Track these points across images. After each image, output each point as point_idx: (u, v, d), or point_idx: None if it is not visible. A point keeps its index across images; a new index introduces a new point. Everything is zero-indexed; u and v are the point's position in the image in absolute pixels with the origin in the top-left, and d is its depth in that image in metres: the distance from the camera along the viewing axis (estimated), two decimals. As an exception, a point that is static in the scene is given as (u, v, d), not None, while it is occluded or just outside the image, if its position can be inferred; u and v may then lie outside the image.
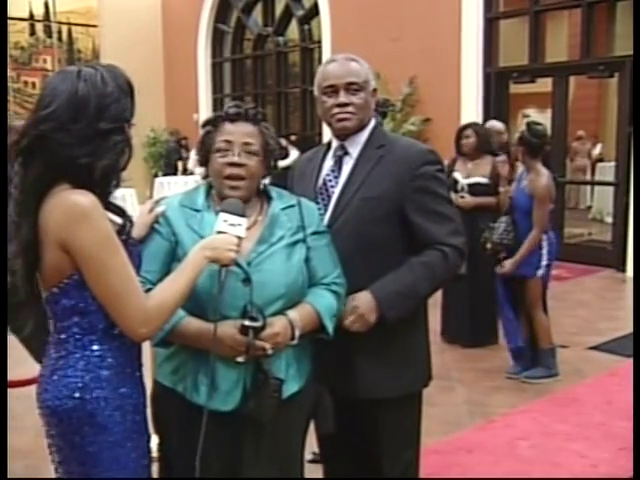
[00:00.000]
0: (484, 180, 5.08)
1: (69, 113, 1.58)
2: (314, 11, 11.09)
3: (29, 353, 3.28)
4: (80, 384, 1.63)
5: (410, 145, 2.27)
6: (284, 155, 2.04)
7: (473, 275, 4.68)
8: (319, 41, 10.99)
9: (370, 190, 2.13)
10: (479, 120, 7.79)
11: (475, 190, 5.06)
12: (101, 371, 1.65)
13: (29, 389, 2.10)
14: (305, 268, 1.94)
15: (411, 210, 2.12)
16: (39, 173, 1.60)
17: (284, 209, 1.98)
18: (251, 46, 12.93)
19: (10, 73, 12.54)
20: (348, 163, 2.21)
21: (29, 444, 3.39)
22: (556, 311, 5.56)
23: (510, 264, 4.30)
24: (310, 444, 2.15)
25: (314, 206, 2.09)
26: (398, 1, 9.37)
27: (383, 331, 2.05)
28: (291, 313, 1.87)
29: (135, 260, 1.70)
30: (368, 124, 2.22)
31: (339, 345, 2.01)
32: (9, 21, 12.00)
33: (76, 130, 1.58)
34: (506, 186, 4.94)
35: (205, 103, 13.29)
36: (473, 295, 5.07)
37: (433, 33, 8.96)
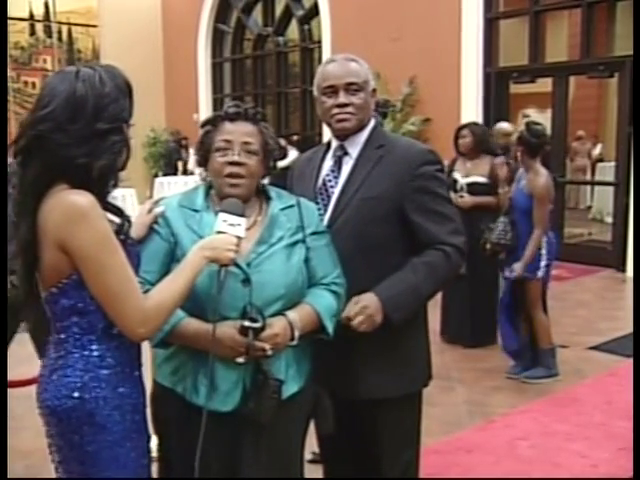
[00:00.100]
0: (483, 179, 5.08)
1: (67, 113, 1.58)
2: (314, 11, 11.09)
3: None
4: (79, 384, 1.64)
5: (410, 145, 2.26)
6: (282, 155, 2.03)
7: (473, 275, 4.69)
8: (319, 41, 10.99)
9: (370, 190, 2.12)
10: (479, 120, 7.80)
11: (474, 189, 5.06)
12: (100, 371, 1.65)
13: (29, 389, 2.10)
14: (305, 268, 1.94)
15: (411, 210, 2.12)
16: (37, 173, 1.60)
17: (283, 209, 1.97)
18: (251, 46, 12.94)
19: (10, 73, 12.54)
20: (348, 163, 2.20)
21: (29, 444, 3.39)
22: (556, 311, 5.55)
23: (519, 267, 4.26)
24: (310, 444, 2.15)
25: (313, 206, 2.09)
26: (398, 1, 9.37)
27: (383, 331, 2.05)
28: (291, 314, 1.87)
29: (134, 260, 1.70)
30: (368, 124, 2.22)
31: (339, 345, 2.01)
32: (9, 21, 12.00)
33: (74, 130, 1.58)
34: (505, 187, 4.93)
35: (205, 103, 13.29)
36: (473, 295, 5.07)
37: (433, 33, 8.96)
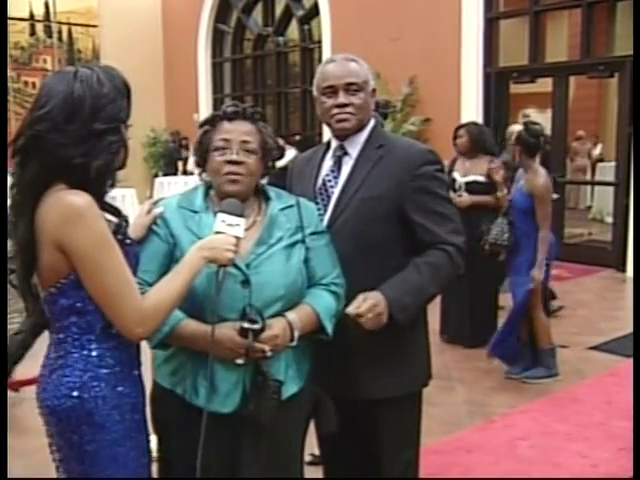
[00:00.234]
0: (481, 179, 5.08)
1: (64, 113, 1.58)
2: (314, 11, 11.09)
3: None
4: (78, 383, 1.64)
5: (410, 145, 2.26)
6: (280, 155, 2.02)
7: (473, 275, 4.68)
8: (319, 41, 10.98)
9: (370, 190, 2.12)
10: (479, 120, 7.80)
11: (472, 188, 5.07)
12: (99, 370, 1.65)
13: (29, 389, 2.10)
14: (304, 269, 1.94)
15: (411, 210, 2.12)
16: (35, 173, 1.60)
17: (283, 209, 1.97)
18: (251, 46, 12.93)
19: (10, 73, 12.54)
20: (348, 163, 2.20)
21: (29, 444, 3.39)
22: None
23: (536, 273, 4.22)
24: (308, 445, 2.14)
25: (313, 206, 2.09)
26: (398, 1, 9.37)
27: (386, 331, 2.04)
28: (290, 314, 1.87)
29: (132, 260, 1.70)
30: (367, 124, 2.22)
31: (339, 345, 2.01)
32: (9, 21, 12.00)
33: (71, 130, 1.58)
34: (504, 190, 4.94)
35: (205, 103, 13.28)
36: (473, 295, 5.07)
37: (433, 33, 8.96)
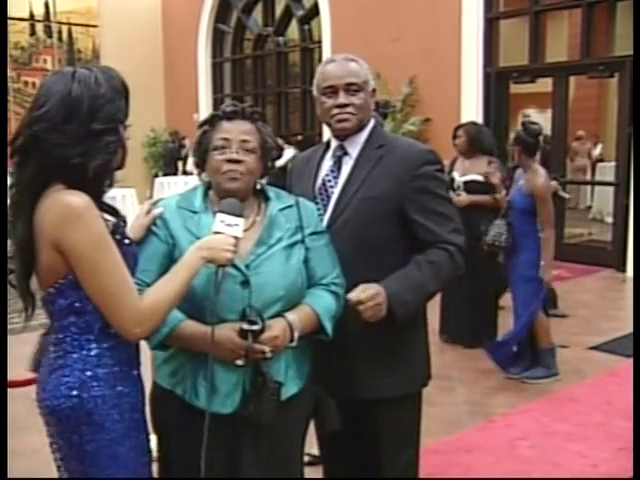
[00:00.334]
0: (479, 178, 5.08)
1: (62, 114, 1.59)
2: (314, 11, 11.09)
3: None
4: (77, 383, 1.64)
5: (410, 145, 2.26)
6: (278, 155, 2.02)
7: (472, 275, 4.67)
8: (319, 41, 10.99)
9: (370, 190, 2.12)
10: (479, 120, 7.80)
11: (471, 188, 5.07)
12: (98, 370, 1.66)
13: (29, 389, 2.10)
14: (304, 269, 1.94)
15: (412, 210, 2.11)
16: (33, 173, 1.61)
17: (282, 210, 1.97)
18: (251, 46, 12.94)
19: (10, 73, 12.55)
20: (347, 163, 2.20)
21: (29, 444, 3.39)
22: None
23: (546, 275, 4.23)
24: (306, 445, 2.12)
25: (312, 206, 2.08)
26: (398, 1, 9.37)
27: (383, 330, 2.04)
28: (290, 315, 1.86)
29: (130, 260, 1.70)
30: (367, 124, 2.21)
31: (339, 345, 2.01)
32: (9, 21, 12.01)
33: (69, 130, 1.58)
34: (502, 192, 4.94)
35: (205, 103, 13.29)
36: (472, 295, 5.06)
37: (433, 33, 8.96)
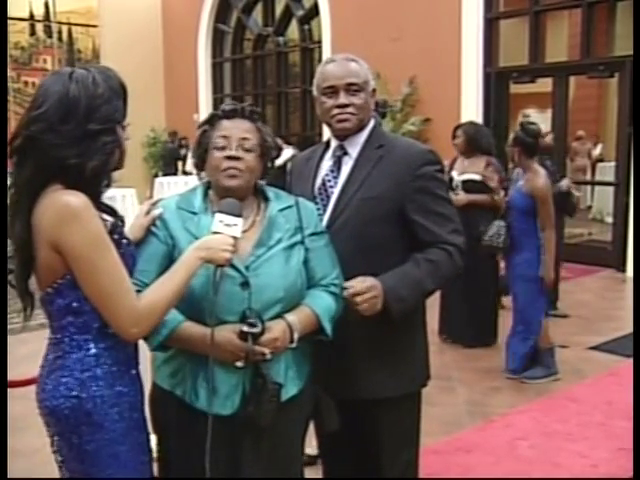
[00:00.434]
0: (477, 177, 5.08)
1: (59, 114, 1.59)
2: (314, 11, 11.09)
3: None
4: (76, 383, 1.64)
5: (410, 145, 2.26)
6: (277, 154, 2.03)
7: (472, 275, 4.67)
8: (319, 41, 10.99)
9: (370, 190, 2.12)
10: (479, 120, 7.80)
11: (469, 187, 5.07)
12: (97, 370, 1.66)
13: (29, 389, 2.10)
14: (303, 270, 1.93)
15: (412, 210, 2.11)
16: (31, 173, 1.61)
17: (282, 210, 1.96)
18: (251, 46, 12.94)
19: (10, 73, 12.55)
20: (347, 163, 2.20)
21: (29, 444, 3.39)
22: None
23: (547, 275, 4.25)
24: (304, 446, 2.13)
25: (312, 206, 2.08)
26: (398, 1, 9.37)
27: (382, 330, 2.05)
28: (290, 316, 1.86)
29: (128, 261, 1.70)
30: (367, 124, 2.21)
31: (338, 345, 2.00)
32: (9, 21, 12.00)
33: (66, 131, 1.58)
34: (501, 193, 4.94)
35: (205, 103, 13.28)
36: (472, 295, 5.06)
37: (433, 33, 8.96)
